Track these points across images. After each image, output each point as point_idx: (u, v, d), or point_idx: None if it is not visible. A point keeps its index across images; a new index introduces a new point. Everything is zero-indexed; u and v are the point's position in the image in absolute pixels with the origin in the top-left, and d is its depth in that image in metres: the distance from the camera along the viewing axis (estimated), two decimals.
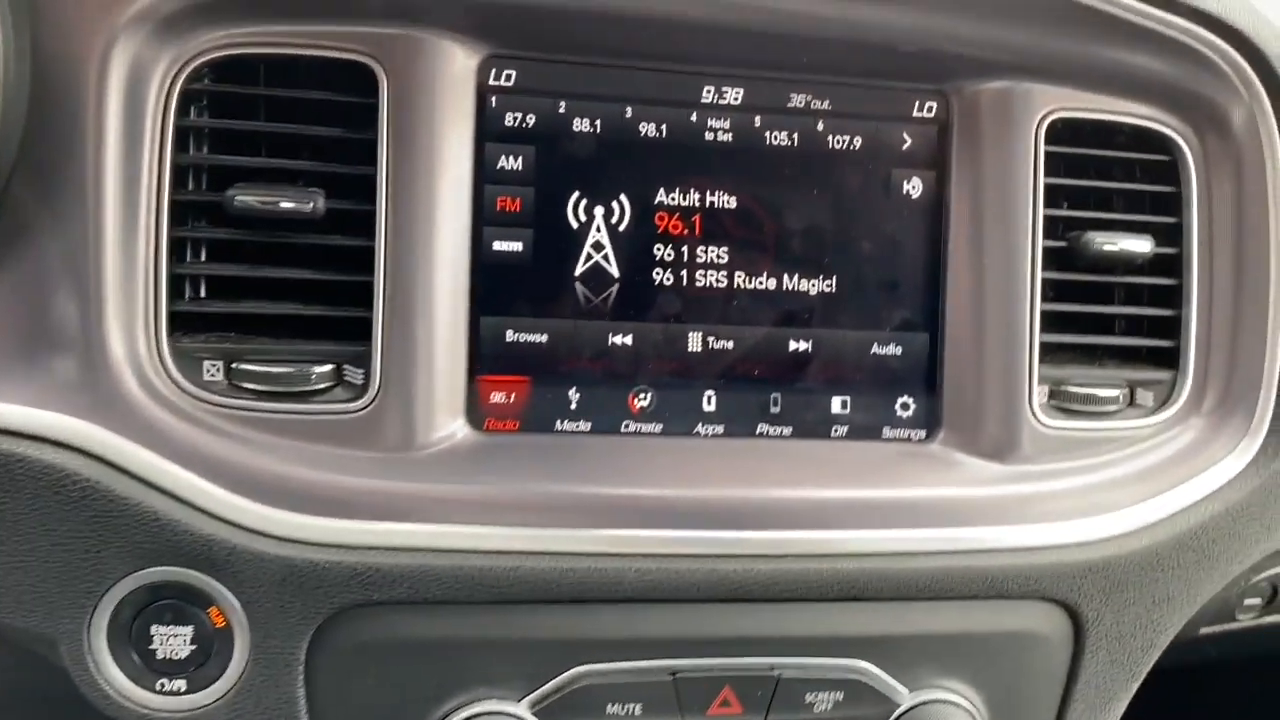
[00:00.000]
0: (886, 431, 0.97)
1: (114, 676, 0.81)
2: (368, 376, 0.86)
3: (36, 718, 0.96)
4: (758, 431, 0.95)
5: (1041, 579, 0.92)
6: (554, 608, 0.86)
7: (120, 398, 0.80)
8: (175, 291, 0.84)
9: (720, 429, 0.95)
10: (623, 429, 0.93)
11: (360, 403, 0.85)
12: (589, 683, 0.86)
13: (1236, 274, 0.99)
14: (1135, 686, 1.00)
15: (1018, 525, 0.93)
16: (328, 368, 0.86)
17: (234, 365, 0.85)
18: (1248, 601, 1.17)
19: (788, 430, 0.96)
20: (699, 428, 0.95)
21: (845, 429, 0.97)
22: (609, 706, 0.87)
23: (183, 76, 0.83)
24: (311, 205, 0.84)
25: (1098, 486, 0.96)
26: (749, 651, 0.89)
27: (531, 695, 0.86)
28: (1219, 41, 0.94)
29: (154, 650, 0.82)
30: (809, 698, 0.89)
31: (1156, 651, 0.99)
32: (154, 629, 0.81)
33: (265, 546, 0.81)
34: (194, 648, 0.82)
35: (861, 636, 0.90)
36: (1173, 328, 1.01)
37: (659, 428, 0.94)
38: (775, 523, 0.89)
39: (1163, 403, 1.00)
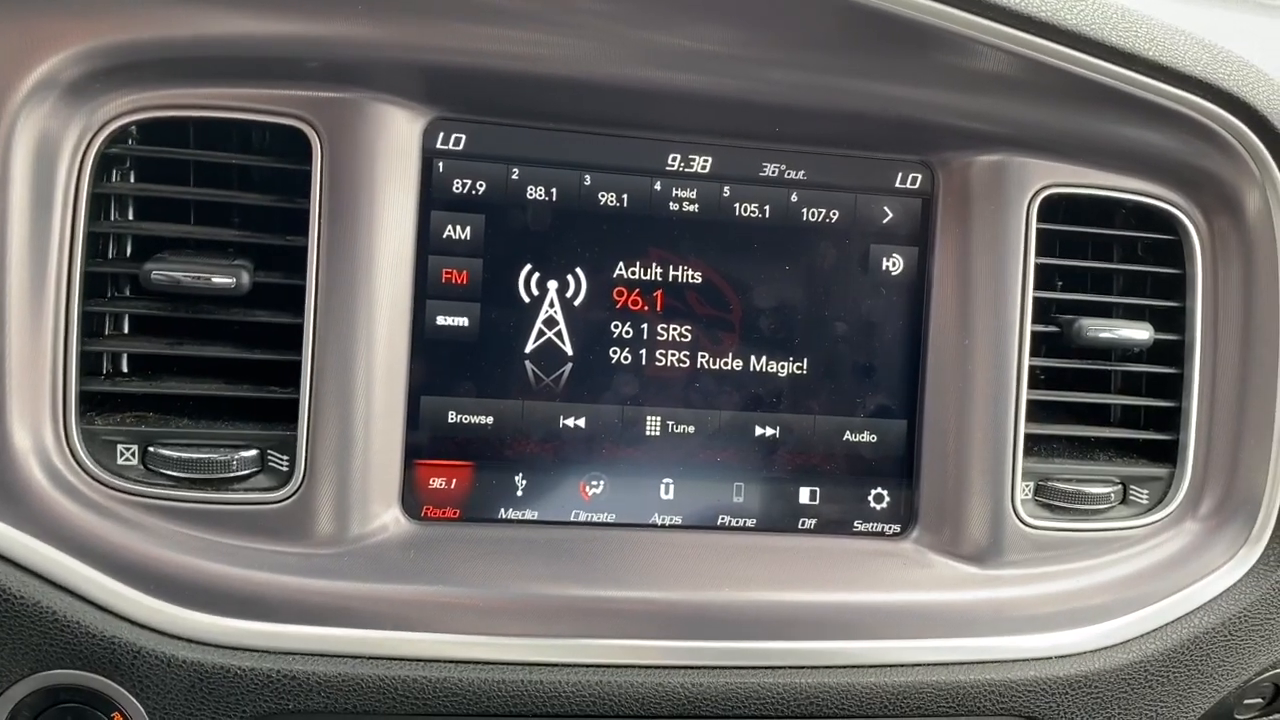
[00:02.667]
0: (858, 524, 0.91)
1: None
2: (293, 463, 0.80)
3: None
4: (719, 523, 0.89)
5: (1017, 696, 0.85)
6: None
7: (22, 490, 0.75)
8: (89, 369, 0.79)
9: (679, 519, 0.89)
10: (573, 517, 0.87)
11: (284, 491, 0.80)
12: None
13: (1242, 364, 0.92)
14: None
15: (993, 637, 0.86)
16: (251, 453, 0.80)
17: (150, 449, 0.79)
18: (1247, 701, 1.09)
19: (751, 521, 0.89)
20: (655, 518, 0.88)
21: (813, 521, 0.90)
22: None
23: (99, 140, 0.77)
24: (235, 280, 0.78)
25: (1082, 593, 0.89)
26: None
27: None
28: (1233, 120, 0.86)
29: None
30: None
31: None
32: None
33: (174, 649, 0.75)
34: None
35: None
36: (1171, 420, 0.94)
37: (612, 517, 0.88)
38: (732, 632, 0.82)
39: (1158, 501, 0.93)
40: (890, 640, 0.84)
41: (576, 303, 0.87)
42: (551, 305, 0.87)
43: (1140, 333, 0.91)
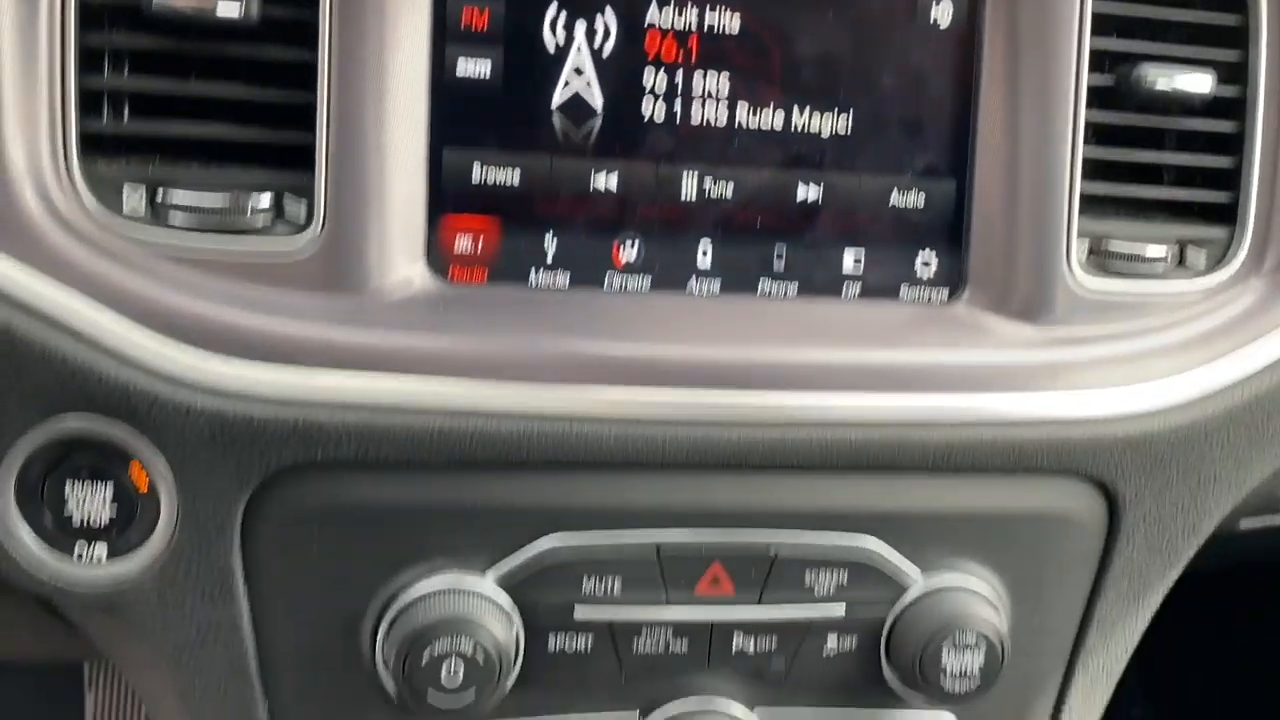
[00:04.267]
0: (904, 291, 0.86)
1: (23, 542, 0.72)
2: (311, 209, 0.75)
3: None
4: (759, 289, 0.84)
5: (1075, 454, 0.82)
6: (523, 473, 0.76)
7: (25, 228, 0.70)
8: (89, 109, 0.73)
9: (716, 285, 0.84)
10: (606, 283, 0.82)
11: (303, 239, 0.75)
12: (562, 555, 0.77)
13: None
14: (1174, 576, 0.91)
15: (1049, 393, 0.82)
16: (266, 199, 0.75)
17: (159, 194, 0.74)
18: None
19: (793, 288, 0.85)
20: (692, 284, 0.84)
21: (858, 288, 0.86)
22: (585, 582, 0.77)
23: None
24: (242, 8, 0.72)
25: (1141, 354, 0.85)
26: (742, 526, 0.79)
27: (498, 568, 0.77)
28: None
29: (69, 514, 0.72)
30: (809, 578, 0.80)
31: (1199, 539, 0.89)
32: (68, 488, 0.72)
33: (192, 397, 0.71)
34: (114, 512, 0.72)
35: (869, 512, 0.80)
36: (1231, 179, 0.89)
37: (647, 282, 0.83)
38: (776, 385, 0.78)
39: (1216, 263, 0.89)
40: (943, 395, 0.80)
41: (606, 50, 0.81)
42: (579, 52, 0.81)
43: (1202, 82, 0.86)
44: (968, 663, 0.80)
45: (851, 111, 0.84)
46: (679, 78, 0.82)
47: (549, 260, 0.82)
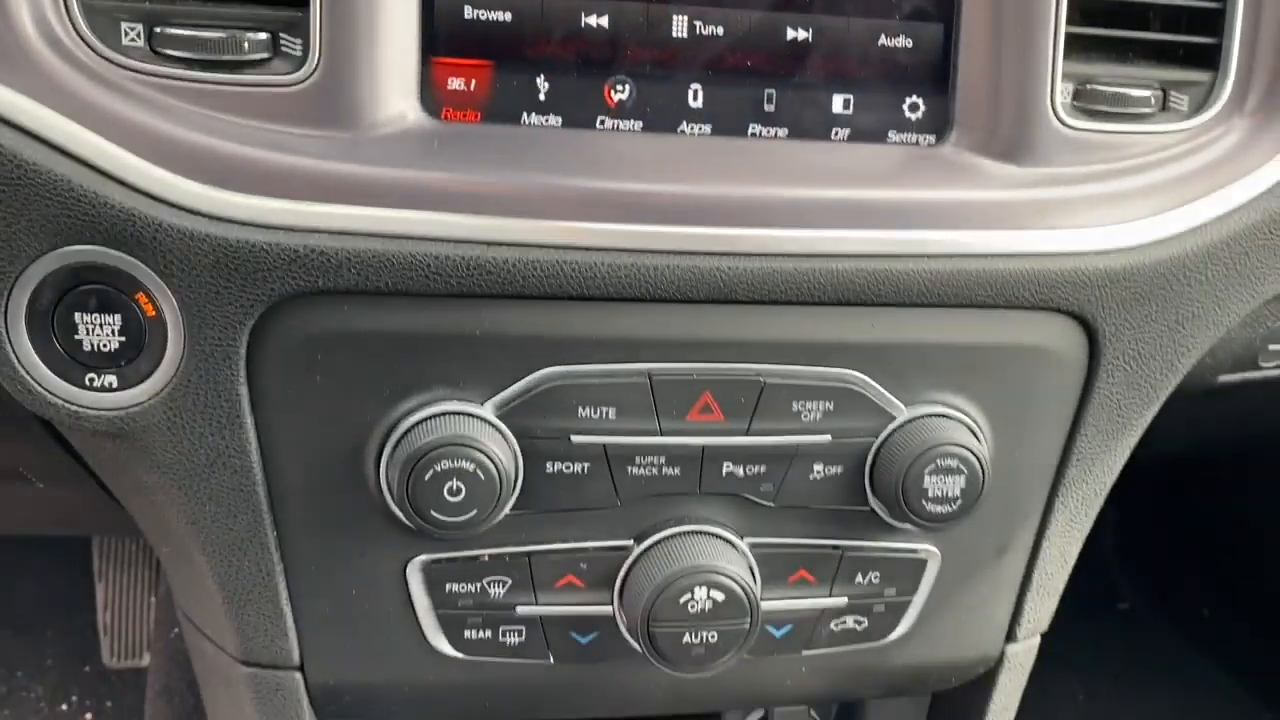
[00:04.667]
0: (892, 135, 0.88)
1: (37, 369, 0.74)
2: (306, 47, 0.76)
3: None
4: (749, 132, 0.86)
5: (1056, 288, 0.84)
6: (520, 304, 0.78)
7: (21, 50, 0.71)
8: None
9: (707, 128, 0.85)
10: (597, 124, 0.84)
11: (299, 74, 0.76)
12: (559, 384, 0.79)
13: None
14: (1151, 414, 0.93)
15: (1033, 231, 0.84)
16: (262, 36, 0.76)
17: (156, 30, 0.75)
18: (1272, 347, 1.09)
19: (783, 131, 0.86)
20: (683, 126, 0.85)
21: (846, 131, 0.87)
22: (580, 410, 0.80)
23: None
24: None
25: (1124, 193, 0.87)
26: (731, 357, 0.81)
27: (496, 397, 0.79)
28: None
29: (79, 341, 0.74)
30: (796, 406, 0.82)
31: (1177, 376, 0.92)
32: (78, 317, 0.74)
33: (196, 225, 0.73)
34: (123, 339, 0.75)
35: (855, 344, 0.83)
36: (1215, 22, 0.90)
37: (638, 125, 0.84)
38: (766, 220, 0.80)
39: (1199, 107, 0.90)
40: (929, 231, 0.82)
41: None
42: None
43: None
44: (949, 486, 0.82)
45: None
46: None
47: (541, 101, 0.83)
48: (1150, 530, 2.54)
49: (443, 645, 0.87)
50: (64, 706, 2.02)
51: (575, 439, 0.81)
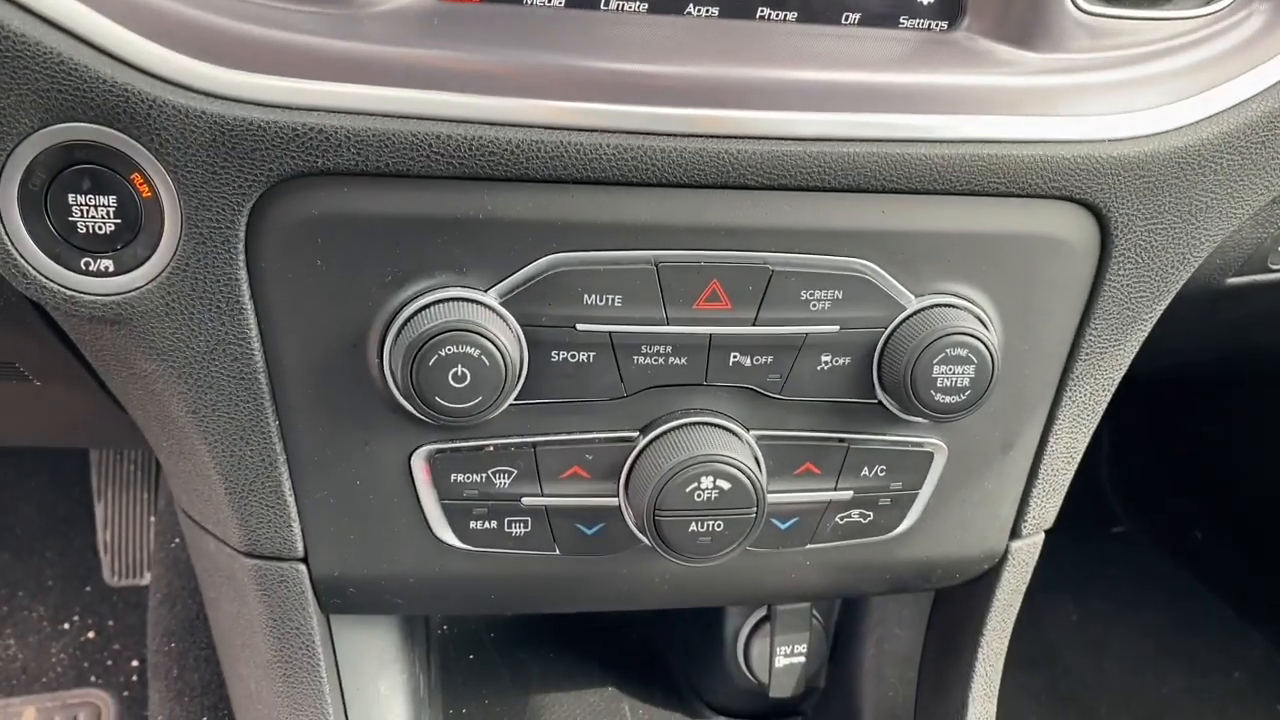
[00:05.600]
0: (904, 20, 0.85)
1: (30, 251, 0.73)
2: None
3: None
4: (758, 14, 0.83)
5: (1069, 176, 0.82)
6: (523, 188, 0.76)
7: None
8: None
9: (715, 9, 0.83)
10: (602, 4, 0.81)
11: None
12: (564, 270, 0.78)
13: None
14: (1160, 309, 0.92)
15: (1047, 117, 0.82)
16: None
17: None
18: None
19: (792, 15, 0.84)
20: (690, 7, 0.83)
21: (858, 15, 0.85)
22: (586, 297, 0.79)
23: None
24: None
25: (1140, 81, 0.85)
26: (739, 244, 0.80)
27: (501, 284, 0.78)
28: None
29: (74, 223, 0.73)
30: (804, 295, 0.81)
31: (1188, 269, 0.91)
32: (72, 198, 0.72)
33: (192, 102, 0.71)
34: (119, 222, 0.73)
35: (865, 231, 0.81)
36: None
37: (644, 6, 0.82)
38: (776, 103, 0.78)
39: None
40: (941, 116, 0.80)
41: None
42: None
43: None
44: (958, 376, 0.82)
45: None
46: None
47: None
48: (1145, 454, 2.55)
49: (448, 536, 0.87)
50: (66, 625, 2.04)
51: (580, 327, 0.80)
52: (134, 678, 1.95)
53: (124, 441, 1.71)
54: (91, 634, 2.02)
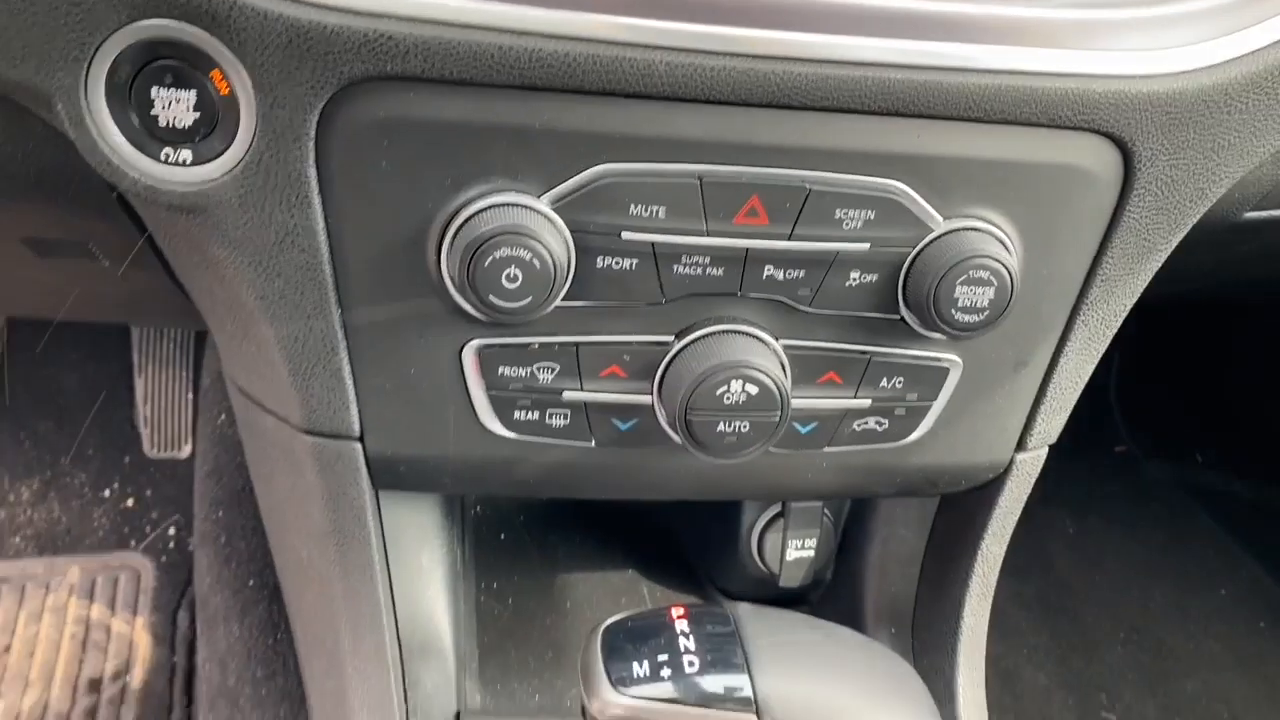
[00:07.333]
0: None
1: (115, 140, 0.77)
2: None
3: (46, 195, 0.94)
4: None
5: (1098, 109, 0.86)
6: (579, 99, 0.80)
7: None
8: None
9: None
10: None
11: None
12: (613, 180, 0.82)
13: None
14: (1175, 240, 0.96)
15: (1080, 51, 0.85)
16: None
17: None
18: None
19: None
20: None
21: None
22: (632, 207, 0.83)
23: None
24: None
25: (1172, 19, 0.87)
26: (780, 162, 0.84)
27: (552, 191, 0.82)
28: None
29: (155, 116, 0.77)
30: (839, 214, 0.86)
31: (1205, 204, 0.94)
32: (155, 91, 0.77)
33: (268, 4, 0.74)
34: (197, 115, 0.78)
35: (900, 154, 0.85)
36: None
37: None
38: (825, 26, 0.81)
39: None
40: (983, 45, 0.83)
41: None
42: None
43: None
44: (978, 297, 0.87)
45: None
46: None
47: None
48: (1153, 376, 2.60)
49: (493, 424, 0.93)
50: (106, 493, 2.13)
51: (625, 235, 0.84)
52: (171, 545, 2.05)
53: (173, 321, 1.78)
54: (131, 502, 2.12)
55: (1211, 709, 2.07)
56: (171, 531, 2.06)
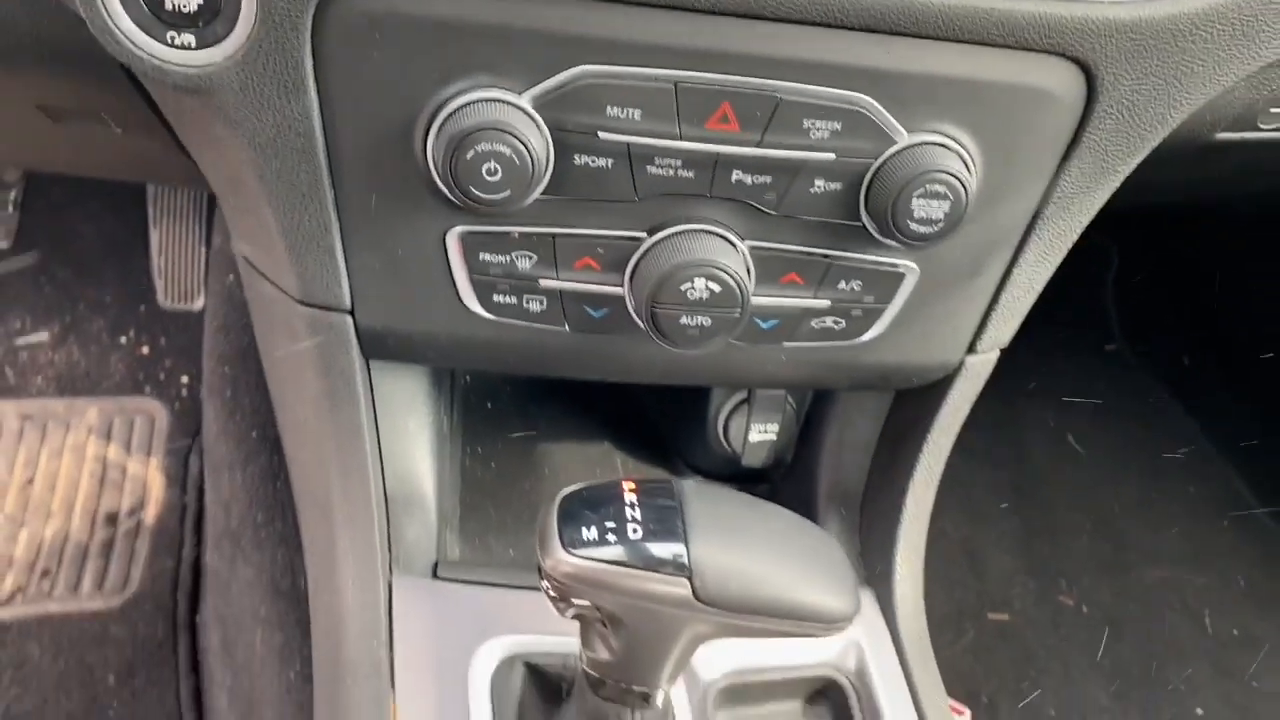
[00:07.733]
0: None
1: (124, 22, 0.82)
2: None
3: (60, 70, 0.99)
4: None
5: (1065, 33, 0.89)
6: (559, 1, 0.84)
7: None
8: None
9: None
10: None
11: None
12: (591, 82, 0.87)
13: None
14: (1134, 163, 1.00)
15: None
16: None
17: None
18: (1274, 110, 1.14)
19: None
20: None
21: None
22: (609, 109, 0.88)
23: None
24: None
25: None
26: (752, 71, 0.88)
27: (534, 89, 0.87)
28: None
29: (161, 1, 0.82)
30: (806, 123, 0.90)
31: (1165, 129, 0.98)
32: None
33: None
34: (201, 2, 0.82)
35: (868, 69, 0.89)
36: None
37: None
38: None
39: None
40: None
41: None
42: None
43: None
44: (933, 209, 0.91)
45: None
46: None
47: None
48: (1148, 279, 2.63)
49: (474, 305, 1.00)
50: (123, 339, 2.23)
51: (602, 135, 0.89)
52: (184, 392, 2.16)
53: (189, 182, 1.83)
54: (146, 349, 2.22)
55: (1164, 597, 2.17)
56: (184, 380, 2.16)
